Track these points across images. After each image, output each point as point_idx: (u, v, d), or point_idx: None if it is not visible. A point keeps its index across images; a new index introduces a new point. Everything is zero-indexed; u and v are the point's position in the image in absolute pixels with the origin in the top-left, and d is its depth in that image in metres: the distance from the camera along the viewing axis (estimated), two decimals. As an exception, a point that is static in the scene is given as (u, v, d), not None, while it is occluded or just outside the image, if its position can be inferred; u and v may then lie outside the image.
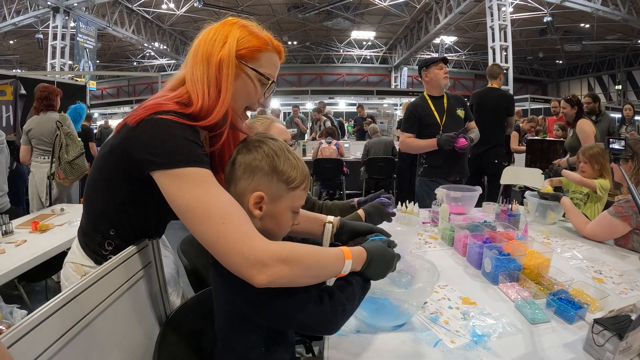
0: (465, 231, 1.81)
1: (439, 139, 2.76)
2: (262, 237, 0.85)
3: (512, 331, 1.14)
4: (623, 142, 1.32)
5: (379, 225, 1.58)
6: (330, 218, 1.25)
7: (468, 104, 3.13)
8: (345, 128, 10.10)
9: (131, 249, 1.04)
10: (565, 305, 1.20)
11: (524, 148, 5.22)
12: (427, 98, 2.93)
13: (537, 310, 1.21)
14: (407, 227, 1.77)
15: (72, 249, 1.13)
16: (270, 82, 1.02)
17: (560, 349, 1.06)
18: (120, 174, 0.95)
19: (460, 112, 2.95)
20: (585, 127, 3.72)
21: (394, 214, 1.63)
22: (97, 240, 1.05)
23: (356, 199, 1.82)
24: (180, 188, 0.85)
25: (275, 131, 1.65)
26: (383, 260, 0.99)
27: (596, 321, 1.01)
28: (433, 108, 2.89)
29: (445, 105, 2.91)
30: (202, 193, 0.84)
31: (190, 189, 0.84)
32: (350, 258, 0.93)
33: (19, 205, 3.88)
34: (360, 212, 1.54)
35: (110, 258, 1.04)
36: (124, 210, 1.01)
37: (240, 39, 0.97)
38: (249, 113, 1.11)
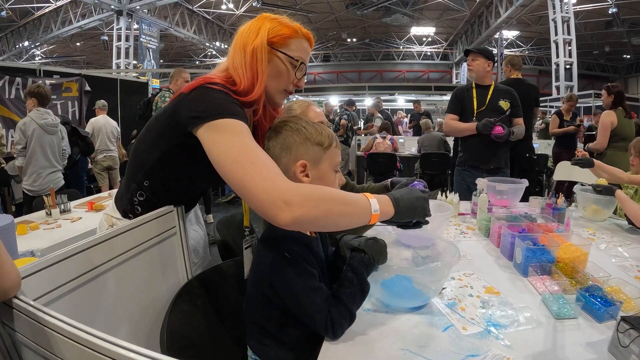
0: (502, 222, 1.68)
1: (478, 123, 2.64)
2: (287, 179, 0.86)
3: (532, 324, 1.03)
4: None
5: None
6: None
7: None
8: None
9: (156, 211, 1.11)
10: (593, 301, 1.06)
11: (560, 130, 4.70)
12: (473, 85, 2.82)
13: (564, 305, 1.08)
14: (438, 213, 1.67)
15: (108, 205, 1.25)
16: (299, 63, 1.07)
17: (582, 347, 0.93)
18: (165, 131, 1.04)
19: (504, 104, 2.74)
20: (603, 118, 3.39)
21: (424, 190, 1.60)
22: (132, 188, 1.12)
23: (389, 180, 1.79)
24: (218, 137, 0.91)
25: (312, 114, 1.63)
26: (410, 196, 1.00)
27: (623, 319, 0.88)
28: (474, 95, 2.77)
29: (489, 95, 2.75)
30: (236, 140, 0.90)
31: (226, 137, 0.90)
32: (372, 197, 0.94)
33: (81, 191, 4.15)
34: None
35: (137, 209, 1.13)
36: (160, 164, 1.08)
37: (271, 29, 1.04)
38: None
